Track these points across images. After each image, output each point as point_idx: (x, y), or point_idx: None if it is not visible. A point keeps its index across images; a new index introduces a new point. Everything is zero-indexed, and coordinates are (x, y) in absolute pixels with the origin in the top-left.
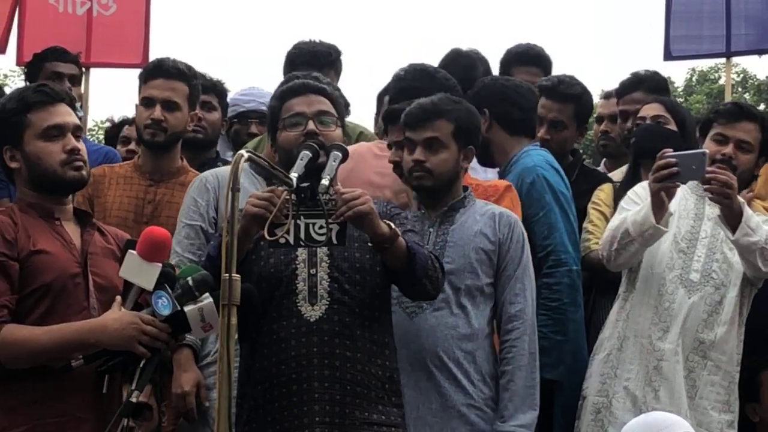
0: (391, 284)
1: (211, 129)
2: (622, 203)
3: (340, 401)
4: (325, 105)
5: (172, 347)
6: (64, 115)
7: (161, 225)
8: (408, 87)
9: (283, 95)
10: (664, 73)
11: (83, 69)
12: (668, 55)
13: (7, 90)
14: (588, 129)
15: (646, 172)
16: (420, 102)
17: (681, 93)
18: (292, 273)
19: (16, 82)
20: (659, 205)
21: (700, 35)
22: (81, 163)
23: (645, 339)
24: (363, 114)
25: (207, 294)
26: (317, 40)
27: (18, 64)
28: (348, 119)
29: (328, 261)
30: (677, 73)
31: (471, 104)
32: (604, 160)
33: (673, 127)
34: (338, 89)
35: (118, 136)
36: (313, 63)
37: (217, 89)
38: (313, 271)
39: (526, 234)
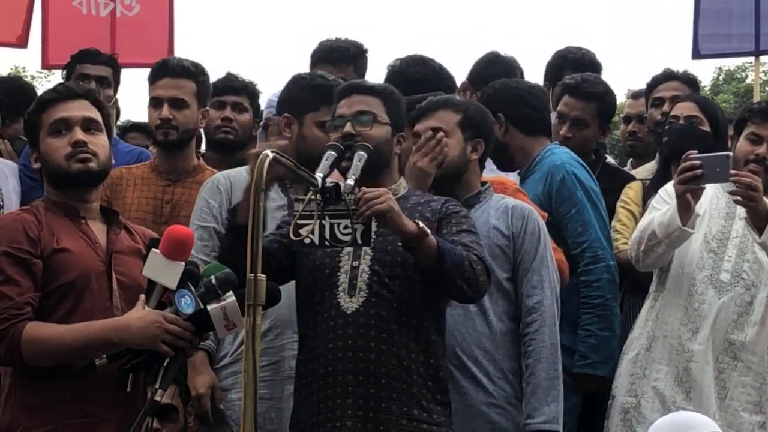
0: None
1: (242, 130)
2: (653, 202)
3: (375, 395)
4: (365, 104)
5: (196, 346)
6: (73, 109)
7: (180, 224)
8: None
9: (336, 98)
10: (691, 72)
11: (115, 69)
12: (697, 54)
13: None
14: (613, 129)
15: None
16: (428, 96)
17: (708, 92)
18: (336, 265)
19: (44, 83)
20: (685, 207)
21: (728, 34)
22: (87, 155)
23: (674, 339)
24: None
25: (230, 293)
26: (342, 38)
27: (43, 67)
28: None
29: (372, 254)
30: (704, 72)
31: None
32: (631, 159)
33: (706, 127)
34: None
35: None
36: (329, 59)
37: (249, 90)
38: (356, 263)
39: (543, 225)
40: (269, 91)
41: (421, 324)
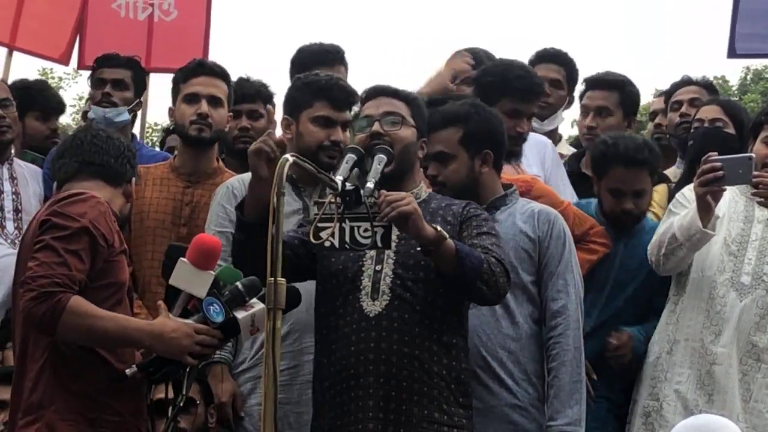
0: None
1: (260, 137)
2: (671, 206)
3: (396, 397)
4: (393, 106)
5: (219, 348)
6: None
7: (198, 227)
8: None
9: (362, 101)
10: (718, 72)
11: (136, 71)
12: (732, 53)
13: (62, 93)
14: (641, 126)
15: None
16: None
17: (735, 92)
18: (358, 269)
19: (71, 85)
20: (705, 209)
21: (765, 34)
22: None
23: (697, 343)
24: None
25: (256, 299)
26: (318, 42)
27: (79, 68)
28: None
29: (394, 257)
30: (732, 72)
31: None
32: None
33: (731, 130)
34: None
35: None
36: (325, 61)
37: (263, 95)
38: (378, 267)
39: (568, 230)
40: None
41: (443, 326)
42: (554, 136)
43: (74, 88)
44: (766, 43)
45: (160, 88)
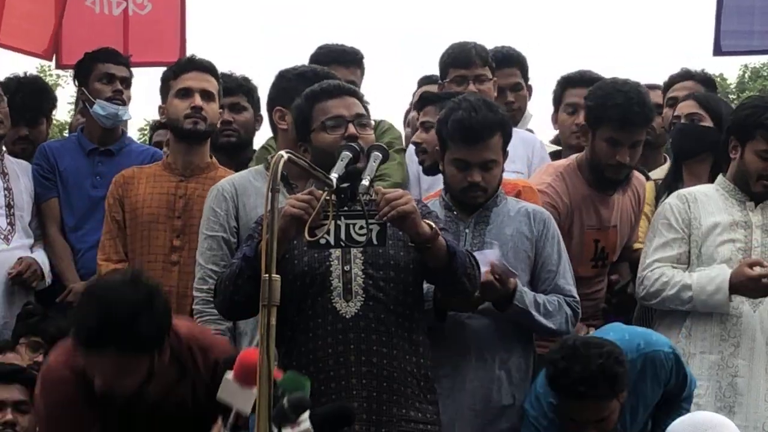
0: (423, 282)
1: (243, 130)
2: (659, 226)
3: (377, 398)
4: (360, 108)
5: None
6: None
7: (193, 219)
8: None
9: (315, 96)
10: (717, 70)
11: (130, 70)
12: (718, 51)
13: (60, 90)
14: None
15: (688, 172)
16: (472, 119)
17: (734, 90)
18: (326, 270)
19: (69, 81)
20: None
21: (750, 30)
22: None
23: (715, 355)
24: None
25: (305, 418)
26: (341, 43)
27: (57, 67)
28: None
29: (362, 257)
30: (730, 70)
31: None
32: None
33: (708, 123)
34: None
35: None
36: (342, 61)
37: (244, 88)
38: (347, 267)
39: (559, 231)
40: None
41: (413, 325)
42: None
43: (72, 86)
44: (752, 39)
45: (137, 83)
